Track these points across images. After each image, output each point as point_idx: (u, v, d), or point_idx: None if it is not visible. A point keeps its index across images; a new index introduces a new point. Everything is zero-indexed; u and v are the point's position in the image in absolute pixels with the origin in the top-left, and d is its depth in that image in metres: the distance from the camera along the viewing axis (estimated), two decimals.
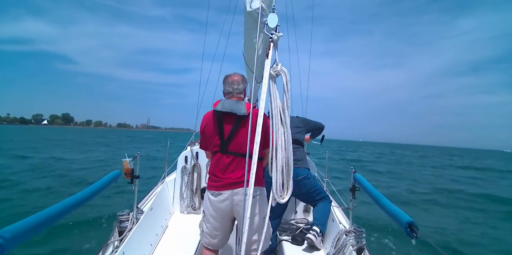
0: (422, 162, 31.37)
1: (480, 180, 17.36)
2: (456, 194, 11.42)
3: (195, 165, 3.36)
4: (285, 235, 2.78)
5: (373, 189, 2.08)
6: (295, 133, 2.66)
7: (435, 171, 21.51)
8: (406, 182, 13.90)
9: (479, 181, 16.79)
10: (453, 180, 16.30)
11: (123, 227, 2.28)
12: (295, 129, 2.74)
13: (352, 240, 2.18)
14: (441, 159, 39.37)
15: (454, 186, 13.77)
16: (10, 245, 1.02)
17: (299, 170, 2.56)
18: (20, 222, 1.16)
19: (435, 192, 11.71)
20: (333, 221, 2.63)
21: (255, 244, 1.86)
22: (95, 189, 1.85)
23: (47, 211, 1.34)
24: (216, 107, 1.86)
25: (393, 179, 15.05)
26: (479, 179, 17.77)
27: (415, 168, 23.27)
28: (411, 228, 1.46)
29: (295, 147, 2.60)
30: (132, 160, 2.40)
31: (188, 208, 3.33)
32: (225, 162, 1.85)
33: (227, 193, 1.83)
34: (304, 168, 2.64)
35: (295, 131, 2.69)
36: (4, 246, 0.99)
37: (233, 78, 1.98)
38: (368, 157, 32.75)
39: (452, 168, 25.84)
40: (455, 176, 18.38)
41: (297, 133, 2.71)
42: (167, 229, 2.87)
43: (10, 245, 1.02)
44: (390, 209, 1.74)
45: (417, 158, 38.27)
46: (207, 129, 1.93)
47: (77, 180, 9.75)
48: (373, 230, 5.56)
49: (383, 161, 29.05)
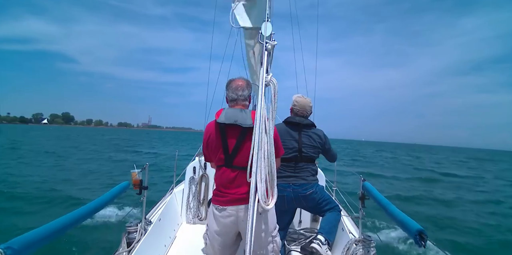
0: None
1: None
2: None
3: (203, 176, 3.35)
4: (293, 245, 2.76)
5: (382, 197, 2.07)
6: (309, 152, 2.57)
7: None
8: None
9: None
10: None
11: (132, 238, 2.26)
12: (313, 148, 2.60)
13: (361, 249, 2.16)
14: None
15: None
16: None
17: (308, 186, 2.53)
18: (29, 233, 1.16)
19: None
20: (342, 230, 2.62)
21: None
22: (104, 200, 1.85)
23: (56, 222, 1.34)
24: (219, 119, 1.74)
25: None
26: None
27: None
28: (421, 236, 1.44)
29: (307, 165, 2.57)
30: (140, 171, 2.39)
31: (194, 218, 3.32)
32: (230, 177, 1.76)
33: (232, 209, 1.76)
34: (313, 183, 2.59)
35: (311, 150, 2.58)
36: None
37: (237, 83, 1.86)
38: (447, 166, 26.56)
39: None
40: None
41: (312, 152, 2.60)
42: (175, 240, 2.86)
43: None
44: (399, 217, 1.72)
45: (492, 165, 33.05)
46: (210, 142, 1.83)
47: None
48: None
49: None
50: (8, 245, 1.01)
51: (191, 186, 3.35)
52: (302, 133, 2.58)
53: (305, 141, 2.56)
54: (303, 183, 2.52)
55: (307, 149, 2.56)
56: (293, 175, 2.53)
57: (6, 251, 0.98)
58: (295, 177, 2.53)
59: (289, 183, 2.50)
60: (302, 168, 2.55)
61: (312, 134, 2.61)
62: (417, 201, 9.89)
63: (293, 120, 2.61)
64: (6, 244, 1.01)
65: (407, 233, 1.57)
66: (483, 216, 8.38)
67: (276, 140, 1.82)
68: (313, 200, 2.56)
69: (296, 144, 2.55)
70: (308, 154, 2.58)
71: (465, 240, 6.16)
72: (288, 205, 2.54)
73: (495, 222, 7.66)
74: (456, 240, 6.05)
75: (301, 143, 2.56)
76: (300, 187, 2.50)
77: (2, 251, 0.97)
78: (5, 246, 1.00)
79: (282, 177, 2.48)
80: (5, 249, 0.99)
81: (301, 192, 2.49)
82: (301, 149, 2.55)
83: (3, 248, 0.98)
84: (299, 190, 2.50)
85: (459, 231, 6.76)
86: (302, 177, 2.53)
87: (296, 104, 2.66)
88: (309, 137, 2.58)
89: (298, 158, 2.54)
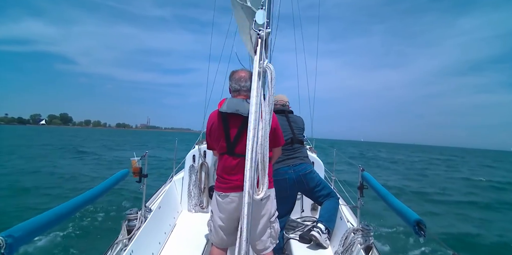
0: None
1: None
2: None
3: (203, 164, 3.37)
4: (292, 233, 2.79)
5: (381, 187, 2.08)
6: (299, 134, 2.82)
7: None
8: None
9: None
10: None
11: (132, 226, 2.28)
12: (300, 130, 2.86)
13: (360, 238, 2.18)
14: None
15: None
16: (19, 244, 1.03)
17: (306, 165, 2.68)
18: (29, 220, 1.17)
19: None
20: (341, 219, 2.64)
21: (262, 244, 1.85)
22: (104, 188, 1.86)
23: (56, 209, 1.35)
24: (221, 108, 1.79)
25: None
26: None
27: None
28: (419, 226, 1.46)
29: (300, 147, 2.76)
30: (140, 159, 2.41)
31: (196, 206, 3.34)
32: (232, 164, 1.81)
33: (234, 196, 1.80)
34: (310, 164, 2.79)
35: (299, 132, 2.84)
36: (14, 245, 1.00)
37: (240, 74, 1.91)
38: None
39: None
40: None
41: (300, 134, 2.84)
42: (175, 228, 2.88)
43: (20, 244, 1.03)
44: (398, 207, 1.74)
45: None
46: (213, 130, 1.88)
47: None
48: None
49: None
50: (9, 233, 1.02)
51: (191, 175, 3.37)
52: (289, 118, 2.80)
53: (293, 125, 2.78)
54: (301, 162, 2.66)
55: (296, 131, 2.77)
56: (292, 157, 2.65)
57: (7, 239, 0.99)
58: (293, 159, 2.65)
59: (289, 165, 2.61)
60: (298, 149, 2.72)
61: (295, 118, 2.86)
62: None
63: (279, 109, 2.84)
64: (7, 232, 1.02)
65: (406, 223, 1.58)
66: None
67: (277, 129, 1.86)
68: (313, 180, 2.66)
69: (288, 128, 2.73)
70: (299, 136, 2.79)
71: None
72: (291, 188, 2.61)
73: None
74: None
75: (291, 126, 2.76)
76: (300, 167, 2.63)
77: (2, 239, 0.97)
78: (6, 234, 1.01)
79: (282, 161, 2.58)
80: (6, 237, 0.99)
81: (301, 171, 2.62)
82: (293, 132, 2.74)
83: (4, 236, 0.99)
84: (299, 169, 2.62)
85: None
86: (299, 158, 2.68)
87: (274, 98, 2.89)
88: (295, 121, 2.81)
89: (293, 140, 2.72)
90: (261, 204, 1.78)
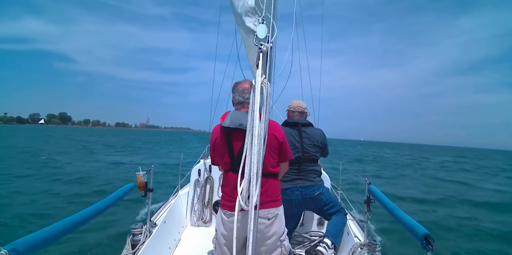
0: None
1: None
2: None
3: (208, 178, 3.35)
4: (298, 248, 2.76)
5: (388, 201, 2.06)
6: (312, 152, 2.56)
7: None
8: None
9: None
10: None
11: (136, 240, 2.27)
12: (314, 148, 2.58)
13: (367, 253, 2.16)
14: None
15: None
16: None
17: (314, 187, 2.53)
18: (34, 234, 1.17)
19: None
20: (348, 234, 2.62)
21: None
22: (109, 202, 1.85)
23: (60, 223, 1.34)
24: (224, 123, 1.72)
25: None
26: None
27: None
28: (427, 240, 1.44)
29: (310, 165, 2.56)
30: (145, 173, 2.39)
31: (199, 221, 3.31)
32: (236, 182, 1.69)
33: (240, 215, 1.71)
34: (320, 185, 2.59)
35: (314, 150, 2.57)
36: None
37: (243, 86, 1.83)
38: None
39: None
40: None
41: (315, 152, 2.60)
42: (180, 243, 2.86)
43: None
44: (405, 221, 1.72)
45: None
46: (216, 145, 1.82)
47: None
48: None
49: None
50: (13, 247, 1.02)
51: (196, 189, 3.35)
52: (303, 133, 2.56)
53: (306, 141, 2.53)
54: (310, 184, 2.51)
55: (309, 149, 2.54)
56: (299, 178, 2.52)
57: (11, 253, 0.99)
58: (301, 180, 2.51)
59: (296, 186, 2.49)
60: (307, 169, 2.54)
61: (312, 133, 2.59)
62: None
63: (291, 121, 2.61)
64: (11, 245, 1.02)
65: (414, 237, 1.56)
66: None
67: (284, 144, 1.82)
68: (320, 201, 2.56)
69: (298, 145, 2.52)
70: (310, 154, 2.55)
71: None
72: (296, 209, 2.54)
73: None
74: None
75: (302, 143, 2.53)
76: (308, 189, 2.50)
77: (6, 252, 0.97)
78: (10, 247, 1.01)
79: (288, 180, 2.48)
80: (10, 251, 0.99)
81: (308, 193, 2.49)
82: (304, 149, 2.52)
83: (8, 250, 0.99)
84: (307, 192, 2.49)
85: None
86: (308, 179, 2.52)
87: (290, 104, 2.75)
88: (309, 137, 2.56)
89: (301, 159, 2.52)
90: (269, 223, 1.74)
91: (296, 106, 2.68)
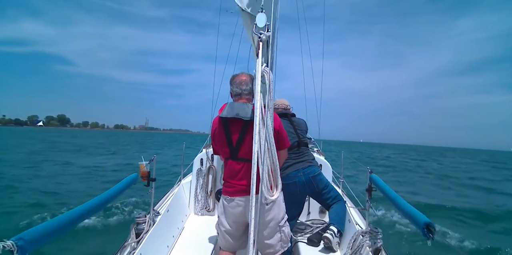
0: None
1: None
2: None
3: (211, 167, 3.38)
4: (300, 236, 2.79)
5: (390, 189, 2.08)
6: (304, 137, 2.82)
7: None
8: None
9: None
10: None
11: (140, 229, 2.28)
12: (304, 133, 2.85)
13: (368, 241, 2.18)
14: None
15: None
16: (30, 248, 1.03)
17: (314, 167, 2.70)
18: (40, 225, 1.18)
19: None
20: (349, 222, 2.64)
21: (271, 248, 1.85)
22: (114, 193, 1.86)
23: (66, 214, 1.35)
24: (221, 113, 1.80)
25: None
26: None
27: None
28: (429, 229, 1.45)
29: (306, 149, 2.78)
30: (148, 163, 2.41)
31: (202, 210, 3.34)
32: (235, 169, 1.82)
33: (240, 200, 1.81)
34: (317, 166, 2.79)
35: (304, 135, 2.84)
36: (24, 248, 1.01)
37: (240, 78, 1.91)
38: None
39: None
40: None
41: (305, 137, 2.86)
42: (183, 231, 2.88)
43: (30, 248, 1.03)
44: (407, 209, 1.74)
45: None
46: (216, 135, 1.90)
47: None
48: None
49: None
50: (20, 237, 1.02)
51: (198, 178, 3.38)
52: (293, 122, 2.80)
53: (297, 128, 2.78)
54: (309, 165, 2.67)
55: (302, 134, 2.78)
56: (300, 161, 2.66)
57: (18, 242, 0.99)
58: (302, 162, 2.66)
59: (298, 169, 2.61)
60: (304, 152, 2.73)
61: (298, 121, 2.85)
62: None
63: (281, 112, 2.82)
64: (18, 236, 1.03)
65: (415, 226, 1.58)
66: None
67: (281, 132, 1.87)
68: (321, 182, 2.69)
69: (293, 131, 2.73)
70: (304, 138, 2.79)
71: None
72: (301, 192, 2.61)
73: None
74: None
75: (296, 129, 2.76)
76: (309, 169, 2.64)
77: (14, 243, 0.98)
78: (17, 238, 1.01)
79: (290, 165, 2.59)
80: (16, 240, 1.00)
81: (310, 173, 2.63)
82: (299, 135, 2.74)
83: (15, 240, 0.99)
84: (308, 172, 2.63)
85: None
86: (307, 161, 2.69)
87: (274, 102, 2.94)
88: (298, 124, 2.81)
89: (299, 144, 2.72)
90: (267, 208, 1.78)
91: (280, 104, 2.94)
